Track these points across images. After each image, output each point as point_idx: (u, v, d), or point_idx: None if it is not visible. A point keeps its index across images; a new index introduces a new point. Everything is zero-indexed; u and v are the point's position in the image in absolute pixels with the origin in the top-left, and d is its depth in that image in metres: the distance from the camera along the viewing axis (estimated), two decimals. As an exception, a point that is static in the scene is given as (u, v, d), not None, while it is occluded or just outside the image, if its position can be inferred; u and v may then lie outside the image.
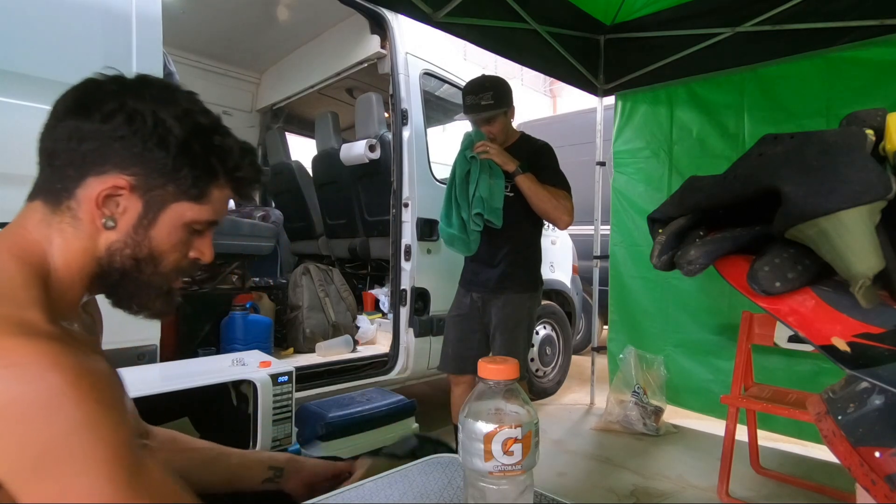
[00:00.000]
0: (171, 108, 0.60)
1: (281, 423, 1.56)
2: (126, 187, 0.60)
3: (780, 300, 0.60)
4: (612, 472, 2.38)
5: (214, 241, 0.71)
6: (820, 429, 0.53)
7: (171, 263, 0.65)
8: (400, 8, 2.36)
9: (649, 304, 3.10)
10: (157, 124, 0.59)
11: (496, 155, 1.91)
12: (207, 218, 0.66)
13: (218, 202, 0.66)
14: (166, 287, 0.67)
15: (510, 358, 0.58)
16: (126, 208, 0.61)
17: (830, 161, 0.58)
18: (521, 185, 1.92)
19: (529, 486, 0.56)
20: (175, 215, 0.63)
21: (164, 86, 0.64)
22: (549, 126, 5.40)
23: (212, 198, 0.65)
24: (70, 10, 1.58)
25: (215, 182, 0.65)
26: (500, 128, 2.00)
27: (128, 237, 0.62)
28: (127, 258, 0.62)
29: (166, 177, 0.61)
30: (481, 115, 1.97)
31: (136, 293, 0.66)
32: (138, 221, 0.62)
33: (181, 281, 0.70)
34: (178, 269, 0.67)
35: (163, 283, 0.66)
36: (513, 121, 2.09)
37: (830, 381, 0.57)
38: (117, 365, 0.64)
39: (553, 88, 16.47)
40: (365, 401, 2.17)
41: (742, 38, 2.61)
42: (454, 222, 2.00)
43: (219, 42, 3.47)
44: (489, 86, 1.98)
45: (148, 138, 0.59)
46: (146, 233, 0.62)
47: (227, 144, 0.65)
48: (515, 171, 1.91)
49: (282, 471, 0.88)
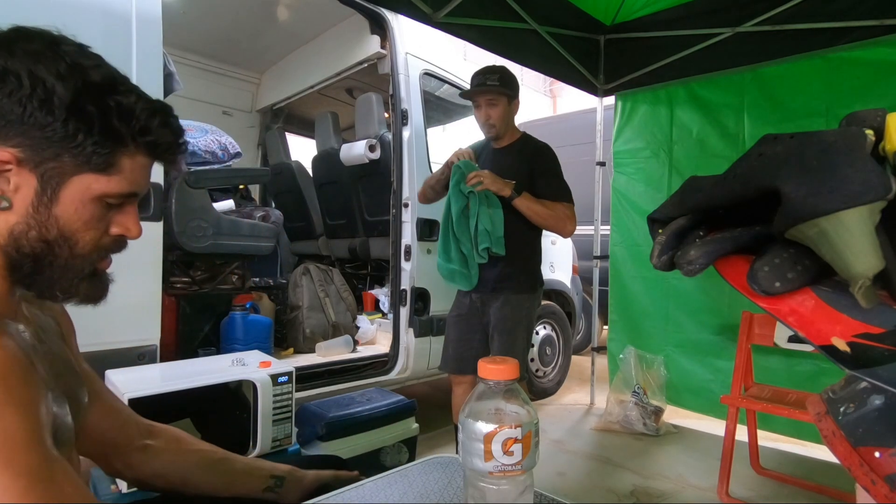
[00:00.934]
0: (52, 65, 0.53)
1: (281, 423, 1.56)
2: (12, 161, 0.53)
3: (780, 300, 0.60)
4: (612, 472, 2.38)
5: (215, 241, 0.69)
6: (820, 429, 0.53)
7: (88, 243, 0.59)
8: (400, 8, 2.36)
9: (649, 304, 3.09)
10: (35, 85, 0.51)
11: (491, 184, 1.88)
12: (121, 190, 0.58)
13: (132, 172, 0.58)
14: (90, 269, 0.61)
15: (510, 358, 0.58)
16: (18, 185, 0.54)
17: (830, 161, 0.58)
18: (519, 208, 1.90)
19: (529, 486, 0.56)
20: (80, 189, 0.56)
21: (45, 39, 0.55)
22: (549, 126, 5.39)
23: (122, 167, 0.57)
24: (70, 9, 1.59)
25: (123, 149, 0.57)
26: (500, 113, 1.97)
27: (29, 218, 0.55)
28: (35, 241, 0.56)
29: (59, 146, 0.54)
30: (486, 94, 1.95)
31: (57, 279, 0.59)
32: (37, 199, 0.55)
33: (108, 261, 0.64)
34: (100, 248, 0.61)
35: (84, 265, 0.60)
36: (515, 116, 2.07)
37: (830, 381, 0.56)
38: (118, 365, 0.63)
39: (553, 88, 16.46)
40: (365, 401, 2.17)
41: (742, 38, 2.61)
42: (454, 257, 1.99)
43: (219, 42, 3.47)
44: (498, 69, 1.99)
45: (26, 102, 0.51)
46: (49, 211, 0.55)
47: (127, 104, 0.56)
48: (511, 195, 1.89)
49: (283, 481, 0.87)
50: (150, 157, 0.60)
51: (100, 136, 0.55)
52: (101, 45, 0.58)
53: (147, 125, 0.57)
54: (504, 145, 2.08)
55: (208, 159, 2.58)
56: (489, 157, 2.10)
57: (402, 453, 2.21)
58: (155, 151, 0.60)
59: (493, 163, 2.04)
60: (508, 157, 2.04)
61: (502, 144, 2.08)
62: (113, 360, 1.61)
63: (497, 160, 2.05)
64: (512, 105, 2.01)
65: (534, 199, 1.92)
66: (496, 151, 2.09)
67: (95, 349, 1.63)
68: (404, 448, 2.22)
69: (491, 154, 2.10)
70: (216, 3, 3.07)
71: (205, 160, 2.56)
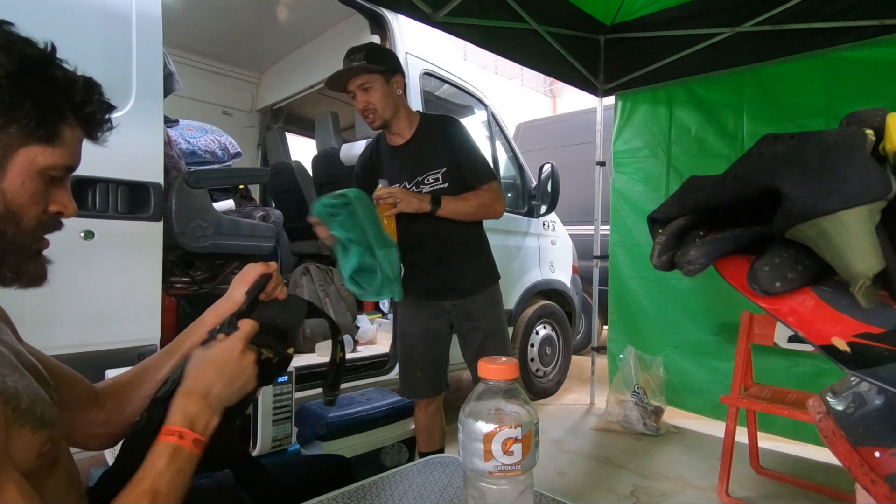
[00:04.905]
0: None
1: (281, 423, 1.56)
2: None
3: (780, 300, 0.60)
4: (612, 472, 2.37)
5: (215, 241, 0.69)
6: (820, 429, 0.53)
7: (32, 219, 0.58)
8: (400, 8, 2.36)
9: (649, 305, 3.09)
10: None
11: (406, 205, 1.55)
12: (64, 162, 0.59)
13: (72, 144, 0.59)
14: (35, 247, 0.60)
15: (511, 358, 0.58)
16: None
17: (830, 161, 0.58)
18: (445, 215, 1.63)
19: (529, 486, 0.56)
20: (26, 161, 0.56)
21: None
22: (549, 126, 5.38)
23: (64, 138, 0.58)
24: (70, 9, 1.58)
25: (64, 120, 0.58)
26: (379, 96, 1.63)
27: None
28: None
29: (6, 117, 0.54)
30: (353, 78, 1.61)
31: (5, 259, 0.58)
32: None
33: (47, 242, 0.62)
34: (42, 226, 0.60)
35: (29, 241, 0.59)
36: (399, 91, 1.69)
37: (830, 381, 0.57)
38: (118, 365, 0.62)
39: (553, 88, 16.46)
40: (365, 401, 2.17)
41: (742, 38, 2.61)
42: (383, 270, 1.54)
43: (219, 42, 3.47)
44: (362, 46, 1.67)
45: None
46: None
47: (68, 77, 0.57)
48: (433, 209, 1.60)
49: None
50: (85, 131, 0.61)
51: (45, 106, 0.55)
52: (101, 45, 0.59)
53: (87, 98, 0.59)
54: (407, 140, 1.72)
55: (208, 159, 2.58)
56: (393, 160, 1.74)
57: (402, 453, 2.21)
58: (91, 125, 0.61)
59: (404, 167, 1.71)
60: (420, 154, 1.70)
61: (404, 138, 1.72)
62: (113, 359, 1.61)
63: (407, 162, 1.71)
64: (392, 82, 1.66)
65: (454, 200, 1.64)
66: (399, 151, 1.73)
67: (95, 349, 1.64)
68: (404, 448, 2.22)
69: (394, 156, 1.74)
70: (216, 3, 3.06)
71: (205, 160, 2.56)
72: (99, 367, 1.54)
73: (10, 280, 0.60)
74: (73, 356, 1.52)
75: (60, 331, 1.57)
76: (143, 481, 0.56)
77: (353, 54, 1.63)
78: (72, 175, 0.62)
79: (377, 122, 1.67)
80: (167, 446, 0.59)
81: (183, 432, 0.60)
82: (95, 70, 0.62)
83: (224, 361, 0.67)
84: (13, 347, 0.61)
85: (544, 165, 3.30)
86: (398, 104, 1.69)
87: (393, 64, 1.68)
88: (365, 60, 1.60)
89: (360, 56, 1.61)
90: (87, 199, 1.63)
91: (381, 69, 1.63)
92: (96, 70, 0.62)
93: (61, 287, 1.53)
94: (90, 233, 1.62)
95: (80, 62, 0.60)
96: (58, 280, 0.64)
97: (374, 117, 1.66)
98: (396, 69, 1.69)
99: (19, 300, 0.69)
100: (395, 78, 1.67)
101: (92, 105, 0.59)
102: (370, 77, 1.62)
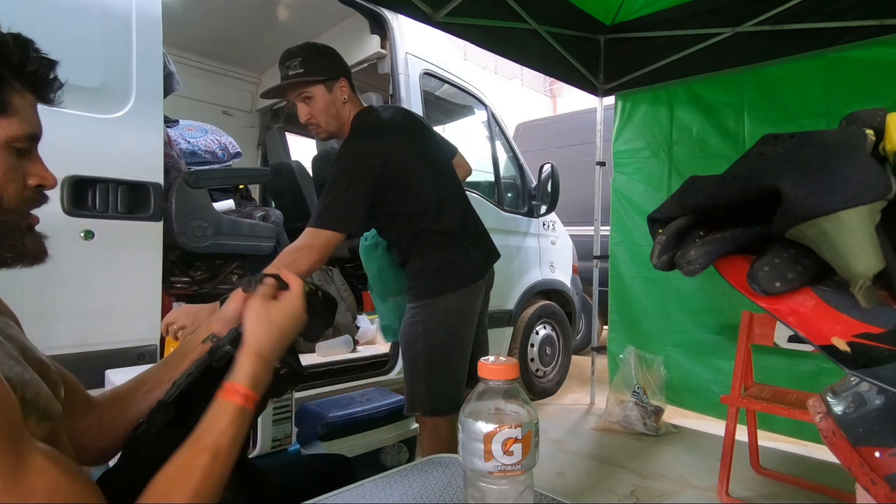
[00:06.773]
0: None
1: (281, 423, 1.56)
2: None
3: (780, 300, 0.60)
4: (612, 472, 2.37)
5: (215, 241, 0.68)
6: (820, 429, 0.53)
7: (13, 196, 0.58)
8: (400, 8, 2.36)
9: (649, 304, 3.09)
10: None
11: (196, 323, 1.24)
12: (24, 131, 0.58)
13: (25, 110, 0.58)
14: (24, 223, 0.61)
15: (511, 358, 0.58)
16: None
17: (830, 161, 0.58)
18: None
19: (529, 486, 0.56)
20: None
21: None
22: (549, 126, 5.38)
23: (16, 106, 0.57)
24: (70, 9, 1.58)
25: (9, 87, 0.56)
26: (320, 108, 1.48)
27: None
28: None
29: None
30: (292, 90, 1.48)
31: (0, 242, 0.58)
32: None
33: (36, 218, 0.62)
34: (26, 202, 0.60)
35: (18, 219, 0.59)
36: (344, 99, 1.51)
37: (830, 381, 0.57)
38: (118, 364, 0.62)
39: (553, 88, 16.46)
40: (365, 401, 2.17)
41: (742, 38, 2.61)
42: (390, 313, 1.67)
43: (219, 42, 3.47)
44: (298, 51, 1.47)
45: None
46: None
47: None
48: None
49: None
50: (35, 94, 0.60)
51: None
52: (101, 45, 0.59)
53: (24, 58, 0.57)
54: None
55: (208, 159, 2.58)
56: None
57: (402, 453, 2.22)
58: (39, 86, 0.59)
59: None
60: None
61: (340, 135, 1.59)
62: (113, 359, 1.61)
63: None
64: (334, 90, 1.49)
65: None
66: None
67: (95, 349, 1.63)
68: (404, 448, 2.22)
69: None
70: (216, 3, 3.06)
71: (205, 160, 2.56)
72: (99, 367, 1.54)
73: (11, 260, 0.60)
74: (74, 356, 1.51)
75: (60, 331, 1.56)
76: (204, 437, 0.56)
77: (289, 60, 1.46)
78: (71, 175, 0.62)
79: (322, 135, 1.55)
80: (231, 406, 0.59)
81: (247, 394, 0.61)
82: (95, 70, 0.62)
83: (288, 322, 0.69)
84: (19, 343, 0.61)
85: (544, 165, 3.30)
86: (342, 114, 1.53)
87: (334, 69, 1.50)
88: (302, 69, 1.44)
89: (296, 63, 1.45)
90: (87, 199, 1.62)
91: (321, 78, 1.47)
92: (96, 70, 0.62)
93: (61, 287, 1.52)
94: (90, 233, 1.62)
95: (81, 62, 0.60)
96: (58, 280, 0.64)
97: (317, 130, 1.53)
98: (339, 74, 1.51)
99: (20, 300, 0.69)
100: (339, 84, 1.50)
101: (32, 63, 0.57)
102: (308, 87, 1.47)
